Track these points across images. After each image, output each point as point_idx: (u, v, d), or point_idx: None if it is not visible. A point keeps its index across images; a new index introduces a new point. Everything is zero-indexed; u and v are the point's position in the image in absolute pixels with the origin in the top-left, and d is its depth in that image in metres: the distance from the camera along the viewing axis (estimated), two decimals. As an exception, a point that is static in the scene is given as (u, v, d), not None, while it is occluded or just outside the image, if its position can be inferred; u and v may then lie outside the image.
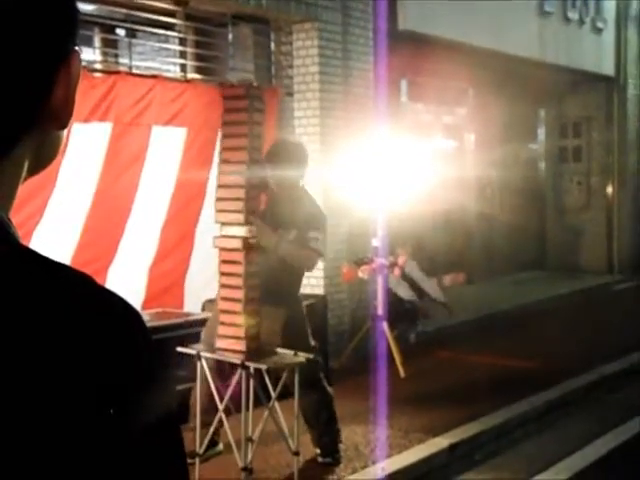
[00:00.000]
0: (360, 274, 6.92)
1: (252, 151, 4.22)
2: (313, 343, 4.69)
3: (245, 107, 4.22)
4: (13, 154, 0.72)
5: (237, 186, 4.23)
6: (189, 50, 6.83)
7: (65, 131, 0.77)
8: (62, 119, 0.75)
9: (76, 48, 0.75)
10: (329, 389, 4.79)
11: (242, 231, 4.21)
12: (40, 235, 5.08)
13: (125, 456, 0.65)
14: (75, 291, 0.67)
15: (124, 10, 6.02)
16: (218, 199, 4.32)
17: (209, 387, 4.37)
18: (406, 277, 7.85)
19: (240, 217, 4.20)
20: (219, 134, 4.65)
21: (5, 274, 0.66)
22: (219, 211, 4.31)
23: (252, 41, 7.26)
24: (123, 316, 0.69)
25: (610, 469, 5.18)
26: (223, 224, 4.30)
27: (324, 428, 4.76)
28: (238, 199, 4.22)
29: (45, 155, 0.77)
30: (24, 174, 0.75)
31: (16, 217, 0.73)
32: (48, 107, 0.72)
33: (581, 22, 11.39)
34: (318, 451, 4.78)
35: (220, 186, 4.33)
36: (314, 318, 6.48)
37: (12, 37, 0.68)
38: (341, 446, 4.88)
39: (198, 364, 4.35)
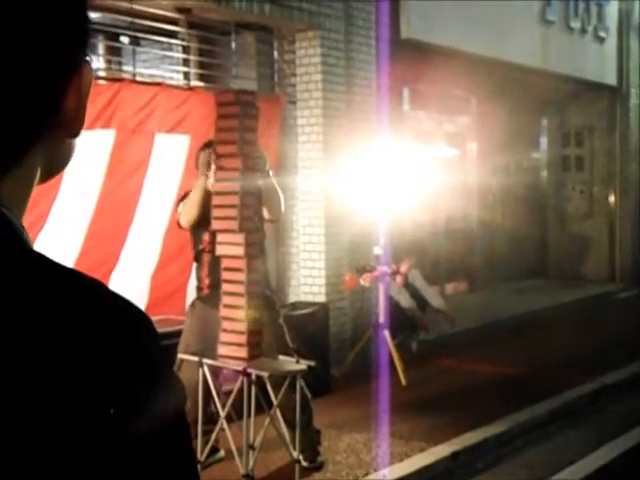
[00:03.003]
0: (362, 282, 6.92)
1: (245, 158, 4.23)
2: (291, 344, 4.70)
3: (237, 113, 4.23)
4: (26, 162, 0.73)
5: (231, 193, 4.24)
6: (192, 58, 6.85)
7: (77, 139, 0.79)
8: (74, 128, 0.76)
9: (87, 58, 0.76)
10: (307, 390, 4.72)
11: (238, 238, 4.21)
12: (43, 241, 5.09)
13: (131, 459, 0.65)
14: (86, 295, 0.68)
15: (128, 18, 6.05)
16: (214, 206, 4.34)
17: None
18: (409, 286, 7.84)
19: (234, 224, 4.21)
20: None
21: (18, 278, 0.67)
22: (215, 218, 4.32)
23: (255, 49, 7.28)
24: (131, 320, 0.70)
25: (612, 478, 5.17)
26: (218, 231, 4.31)
27: (304, 430, 4.61)
28: (232, 206, 4.23)
29: (57, 163, 0.78)
30: (36, 181, 0.76)
31: (21, 223, 0.74)
32: (60, 116, 0.74)
33: (583, 31, 11.41)
34: (301, 456, 4.58)
35: (215, 193, 4.34)
36: (316, 326, 6.49)
37: (25, 48, 0.69)
38: (320, 449, 4.83)
39: (200, 371, 4.36)
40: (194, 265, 4.87)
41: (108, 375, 0.65)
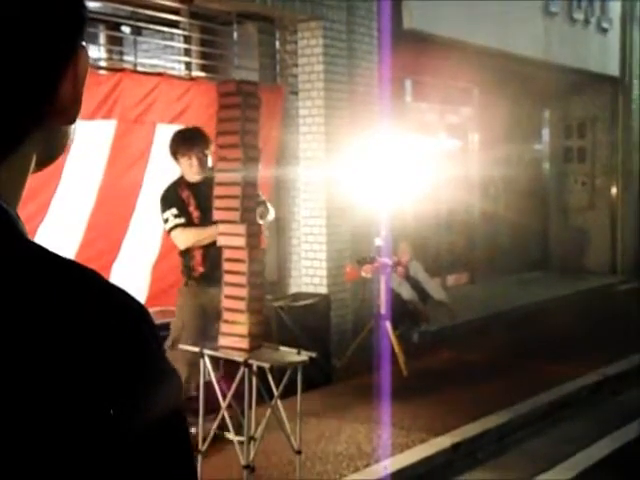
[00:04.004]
0: (363, 273, 6.92)
1: (246, 148, 4.22)
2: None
3: (238, 104, 4.22)
4: (22, 150, 0.72)
5: (233, 184, 4.24)
6: (194, 48, 6.83)
7: (73, 127, 0.78)
8: (70, 115, 0.75)
9: (83, 44, 0.75)
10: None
11: (239, 229, 4.22)
12: (44, 233, 5.09)
13: (127, 457, 0.64)
14: (81, 286, 0.67)
15: (129, 8, 6.03)
16: (216, 197, 4.34)
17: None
18: (410, 278, 7.84)
19: (236, 215, 4.21)
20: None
21: (13, 269, 0.65)
22: (217, 209, 4.33)
23: (257, 39, 7.26)
24: (129, 312, 0.68)
25: (613, 470, 5.17)
26: (221, 222, 4.31)
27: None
28: (235, 197, 4.23)
29: (53, 150, 0.77)
30: (32, 169, 0.75)
31: (20, 214, 0.73)
32: (56, 103, 0.73)
33: (586, 22, 11.37)
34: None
35: (218, 184, 4.34)
36: (317, 317, 6.49)
37: (20, 34, 0.68)
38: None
39: (201, 362, 4.36)
40: (183, 258, 4.93)
41: (107, 373, 0.64)
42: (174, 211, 4.77)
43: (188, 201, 4.82)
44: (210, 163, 4.81)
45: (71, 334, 0.64)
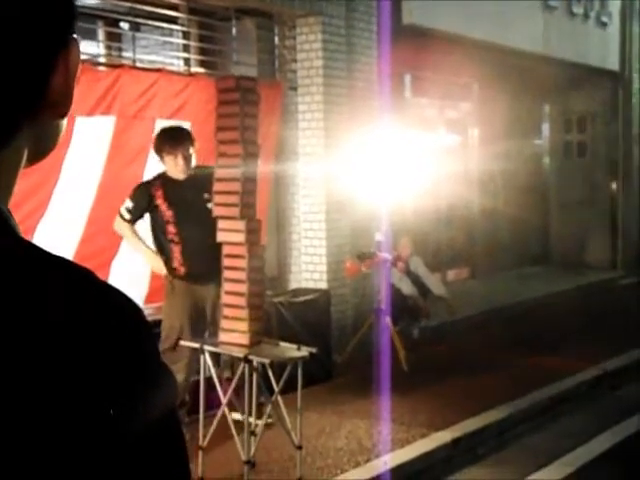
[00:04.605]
0: (363, 269, 6.92)
1: (246, 144, 4.23)
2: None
3: (237, 99, 4.23)
4: (13, 144, 0.71)
5: (233, 179, 4.24)
6: (193, 44, 6.82)
7: (65, 121, 0.76)
8: (62, 108, 0.74)
9: (75, 36, 0.74)
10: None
11: (239, 225, 4.23)
12: (43, 229, 5.08)
13: (124, 458, 0.64)
14: (75, 286, 0.66)
15: (128, 3, 6.01)
16: (215, 192, 4.35)
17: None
18: (410, 273, 7.84)
19: (236, 211, 4.21)
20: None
21: (3, 267, 0.64)
22: (217, 204, 4.33)
23: (256, 35, 7.24)
24: (124, 313, 0.67)
25: (613, 464, 5.18)
26: (220, 217, 4.32)
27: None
28: (234, 192, 4.23)
29: (44, 145, 0.76)
30: (23, 164, 0.74)
31: (20, 211, 0.73)
32: (47, 96, 0.72)
33: (586, 16, 11.35)
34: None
35: (217, 179, 4.35)
36: (317, 312, 6.49)
37: (10, 25, 0.67)
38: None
39: (202, 358, 4.36)
40: (161, 254, 4.94)
41: (107, 373, 0.63)
42: (129, 204, 4.83)
43: (158, 200, 4.82)
44: (194, 162, 4.82)
45: (68, 334, 0.62)
